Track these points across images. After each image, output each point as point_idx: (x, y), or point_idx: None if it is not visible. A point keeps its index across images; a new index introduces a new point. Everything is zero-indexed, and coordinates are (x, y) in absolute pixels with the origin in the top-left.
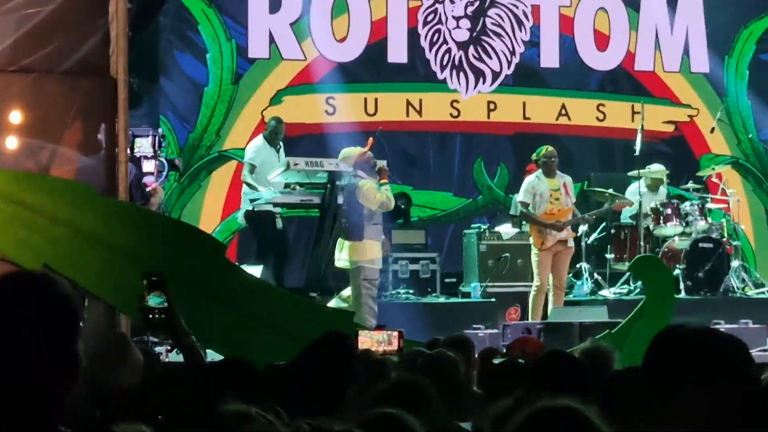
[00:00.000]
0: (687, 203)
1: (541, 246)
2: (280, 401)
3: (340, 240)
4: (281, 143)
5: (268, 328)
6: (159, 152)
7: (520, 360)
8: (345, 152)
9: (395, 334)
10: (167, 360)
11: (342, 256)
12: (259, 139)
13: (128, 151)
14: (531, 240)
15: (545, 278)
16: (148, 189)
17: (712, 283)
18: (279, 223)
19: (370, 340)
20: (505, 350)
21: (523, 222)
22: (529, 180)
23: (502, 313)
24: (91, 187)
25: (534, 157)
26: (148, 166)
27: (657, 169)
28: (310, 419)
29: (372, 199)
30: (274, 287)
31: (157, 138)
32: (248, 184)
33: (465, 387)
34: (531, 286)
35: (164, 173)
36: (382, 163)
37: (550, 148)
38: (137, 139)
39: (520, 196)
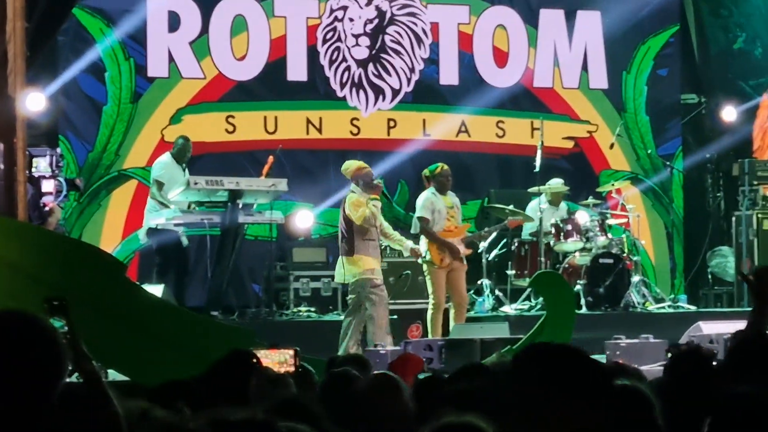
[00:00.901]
0: (587, 219)
1: (441, 263)
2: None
3: (340, 257)
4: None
5: (169, 348)
6: (57, 172)
7: (444, 374)
8: (346, 165)
9: (291, 352)
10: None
11: (339, 272)
12: (167, 156)
13: (27, 171)
14: (428, 257)
15: (441, 296)
16: (45, 209)
17: (612, 299)
18: (184, 241)
19: (269, 360)
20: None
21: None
22: (426, 196)
23: (404, 330)
24: None
25: (427, 173)
26: (47, 186)
27: (557, 184)
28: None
29: (355, 213)
30: (175, 306)
31: (54, 158)
32: (160, 202)
33: None
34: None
35: (63, 193)
36: (378, 180)
37: (446, 167)
38: (35, 159)
39: (419, 212)
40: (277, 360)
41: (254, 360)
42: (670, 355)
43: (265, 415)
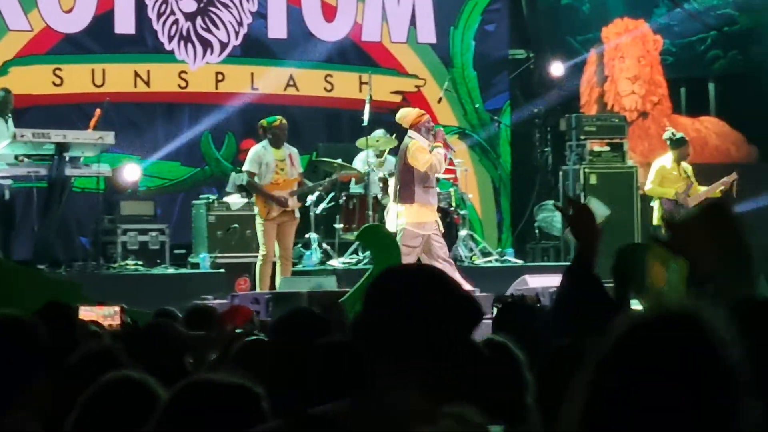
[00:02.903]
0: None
1: (267, 216)
2: None
3: (391, 204)
4: (10, 114)
5: None
6: None
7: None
8: (402, 112)
9: (117, 308)
10: None
11: (391, 219)
12: None
13: None
14: (256, 210)
15: (271, 248)
16: None
17: None
18: (6, 194)
19: (94, 314)
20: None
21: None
22: (255, 149)
23: (231, 284)
24: None
25: (265, 124)
26: None
27: (385, 138)
28: None
29: (420, 159)
30: (0, 260)
31: None
32: None
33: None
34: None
35: None
36: (439, 127)
37: (284, 121)
38: None
39: (246, 166)
40: (103, 315)
41: (70, 312)
42: (496, 308)
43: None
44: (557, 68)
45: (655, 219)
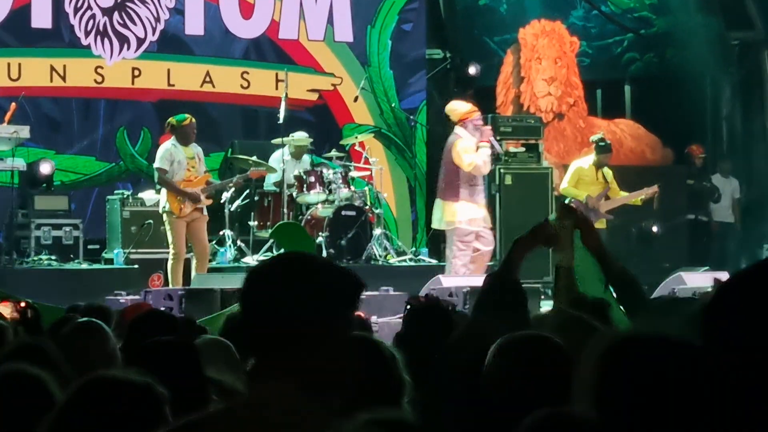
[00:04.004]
0: (330, 171)
1: (180, 213)
2: None
3: (437, 200)
4: None
5: None
6: None
7: None
8: (452, 105)
9: (23, 304)
10: None
11: (436, 216)
12: None
13: None
14: (167, 207)
15: (182, 245)
16: None
17: (354, 251)
18: None
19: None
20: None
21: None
22: (166, 147)
23: (145, 280)
24: None
25: (174, 123)
26: None
27: (300, 137)
28: None
29: (465, 160)
30: None
31: None
32: None
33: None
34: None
35: None
36: (487, 126)
37: (194, 120)
38: None
39: (157, 163)
40: (5, 310)
41: None
42: (408, 307)
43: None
44: (474, 69)
45: None
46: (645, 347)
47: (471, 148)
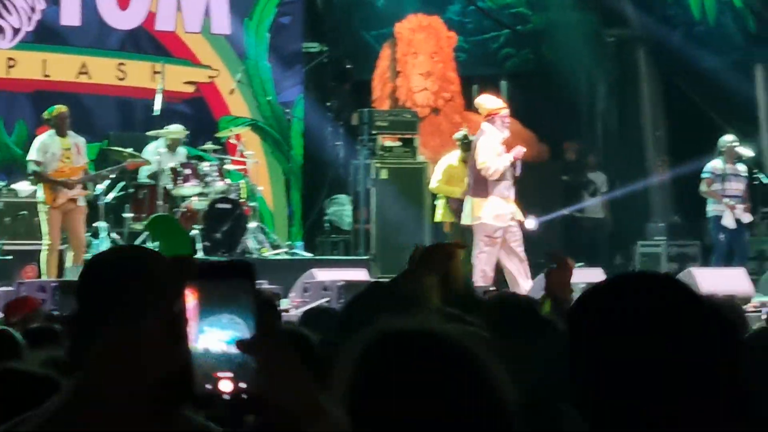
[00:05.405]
0: (206, 164)
1: (53, 203)
2: None
3: (466, 197)
4: None
5: None
6: None
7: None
8: (481, 99)
9: None
10: None
11: (466, 213)
12: None
13: None
14: (42, 198)
15: (56, 236)
16: None
17: (229, 244)
18: None
19: None
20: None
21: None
22: (41, 139)
23: (18, 271)
24: None
25: (46, 116)
26: None
27: (176, 129)
28: None
29: (479, 156)
30: None
31: None
32: None
33: None
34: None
35: None
36: (521, 147)
37: (63, 109)
38: None
39: (31, 155)
40: None
41: None
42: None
43: None
44: (350, 63)
45: (438, 216)
46: (400, 344)
47: (492, 147)
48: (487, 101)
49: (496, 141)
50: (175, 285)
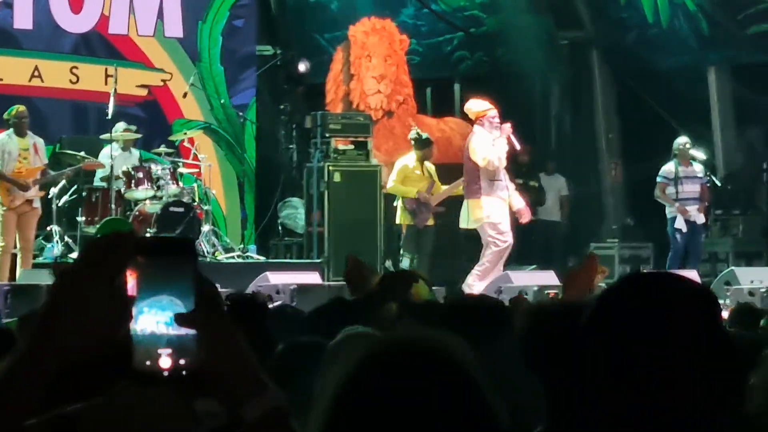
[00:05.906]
0: (158, 167)
1: (10, 204)
2: None
3: (464, 201)
4: None
5: None
6: None
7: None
8: (470, 103)
9: None
10: None
11: (463, 217)
12: None
13: None
14: None
15: (10, 239)
16: None
17: None
18: None
19: None
20: None
21: None
22: None
23: None
24: None
25: (6, 116)
26: None
27: (123, 126)
28: None
29: (479, 154)
30: None
31: None
32: None
33: None
34: None
35: None
36: (507, 123)
37: (22, 108)
38: None
39: None
40: None
41: None
42: (229, 303)
43: None
44: (304, 65)
45: (398, 218)
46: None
47: (486, 144)
48: (474, 105)
49: (487, 139)
50: (115, 258)
